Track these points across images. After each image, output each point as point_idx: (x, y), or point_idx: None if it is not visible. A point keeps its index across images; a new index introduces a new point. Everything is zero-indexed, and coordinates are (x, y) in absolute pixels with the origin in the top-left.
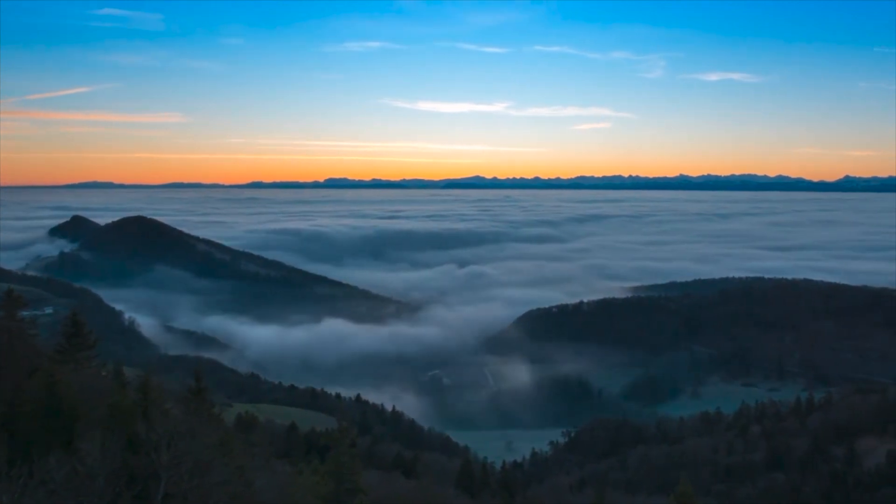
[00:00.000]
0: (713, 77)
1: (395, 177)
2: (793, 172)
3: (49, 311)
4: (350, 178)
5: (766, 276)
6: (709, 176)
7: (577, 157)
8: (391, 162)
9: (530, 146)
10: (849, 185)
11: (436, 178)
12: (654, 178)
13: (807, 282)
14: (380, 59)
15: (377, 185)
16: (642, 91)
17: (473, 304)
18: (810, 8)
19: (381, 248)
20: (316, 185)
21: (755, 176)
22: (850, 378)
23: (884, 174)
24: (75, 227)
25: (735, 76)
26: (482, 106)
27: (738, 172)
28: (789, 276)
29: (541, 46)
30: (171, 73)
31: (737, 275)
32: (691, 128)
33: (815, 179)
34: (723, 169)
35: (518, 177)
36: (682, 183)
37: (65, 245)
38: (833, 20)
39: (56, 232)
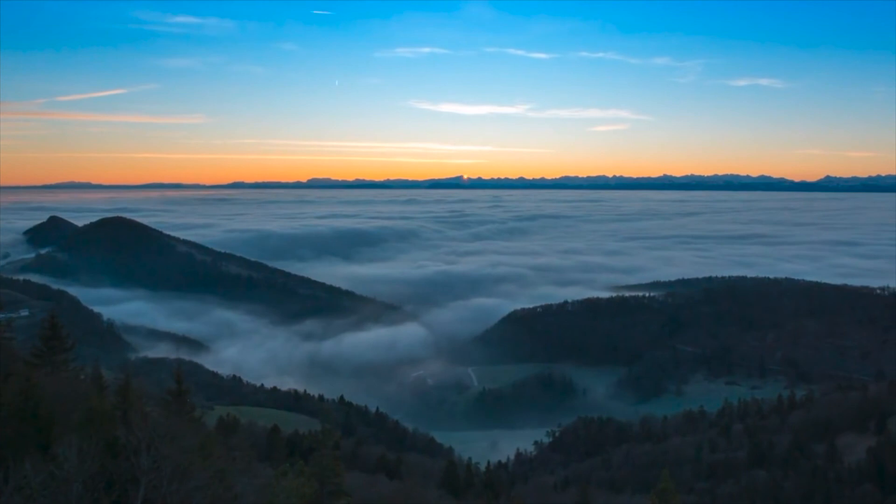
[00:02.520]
0: (742, 83)
1: (379, 177)
2: (776, 172)
3: (25, 313)
4: (333, 178)
5: (749, 275)
6: (692, 176)
7: (577, 158)
8: (383, 162)
9: (531, 147)
10: (829, 185)
11: (420, 179)
12: (638, 179)
13: (789, 281)
14: (424, 63)
15: (360, 185)
16: (667, 95)
17: (458, 304)
18: (809, 10)
19: (342, 247)
20: (298, 186)
21: (738, 176)
22: (831, 376)
23: (863, 174)
24: (52, 228)
25: (764, 82)
26: (504, 108)
27: (721, 172)
28: (772, 276)
29: (586, 52)
30: (208, 77)
31: (720, 274)
32: (696, 129)
33: (797, 179)
34: (706, 169)
35: (503, 177)
36: (666, 183)
37: (41, 246)
38: (828, 23)
39: (32, 233)
